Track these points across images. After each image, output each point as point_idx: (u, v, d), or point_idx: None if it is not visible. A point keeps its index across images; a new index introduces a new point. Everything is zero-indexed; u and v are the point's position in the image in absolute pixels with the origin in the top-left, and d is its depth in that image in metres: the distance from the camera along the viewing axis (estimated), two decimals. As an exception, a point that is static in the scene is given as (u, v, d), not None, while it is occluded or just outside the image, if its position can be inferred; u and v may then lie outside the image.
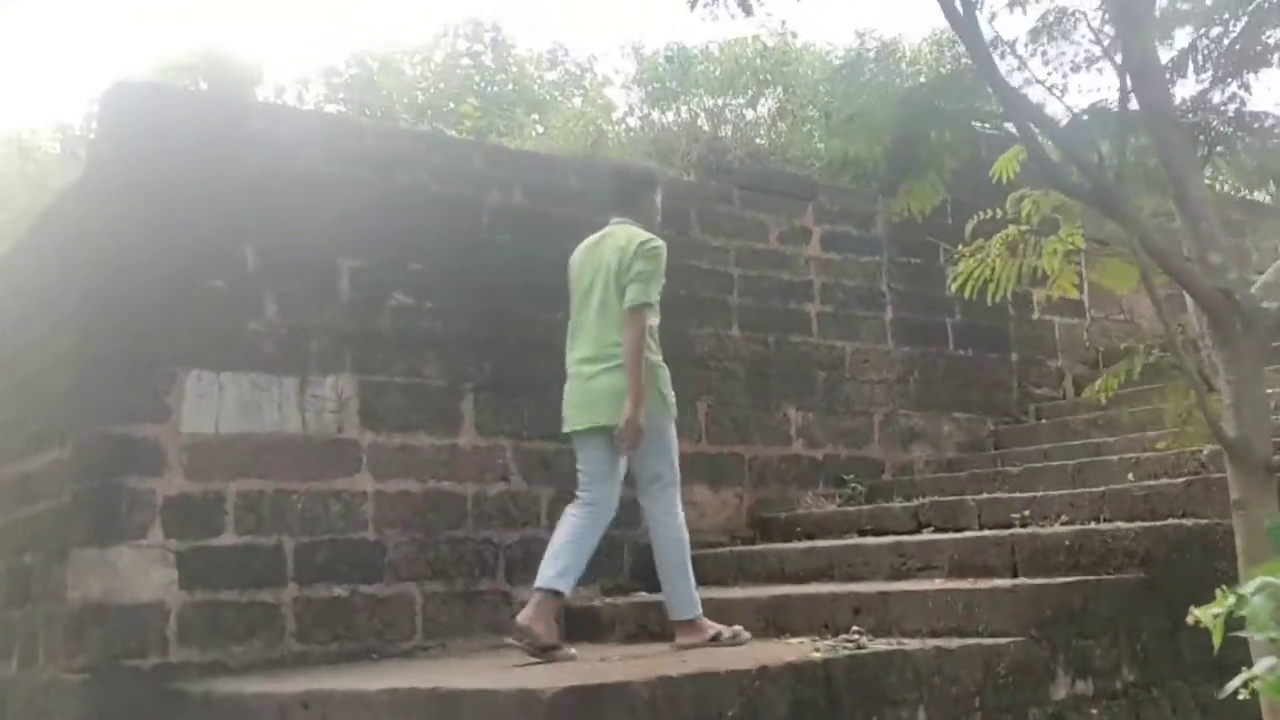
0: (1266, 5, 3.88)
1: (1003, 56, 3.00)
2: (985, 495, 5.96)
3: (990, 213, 4.25)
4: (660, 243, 4.68)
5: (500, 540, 5.98)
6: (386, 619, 5.60)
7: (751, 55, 7.75)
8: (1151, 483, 5.16)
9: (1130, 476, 5.47)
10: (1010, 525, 5.43)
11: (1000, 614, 4.06)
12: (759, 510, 6.93)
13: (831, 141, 3.84)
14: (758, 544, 6.67)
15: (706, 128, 7.49)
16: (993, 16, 3.18)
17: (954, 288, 4.32)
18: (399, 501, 5.73)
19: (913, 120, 3.36)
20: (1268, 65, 3.96)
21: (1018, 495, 5.67)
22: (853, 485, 7.24)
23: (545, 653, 4.33)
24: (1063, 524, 5.18)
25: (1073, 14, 3.13)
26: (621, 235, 4.65)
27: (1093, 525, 4.75)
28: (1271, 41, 4.02)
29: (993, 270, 3.86)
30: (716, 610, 5.15)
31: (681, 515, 4.67)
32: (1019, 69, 3.00)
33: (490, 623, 5.87)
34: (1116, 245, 3.65)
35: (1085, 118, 3.04)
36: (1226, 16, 3.84)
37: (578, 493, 4.65)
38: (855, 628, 4.28)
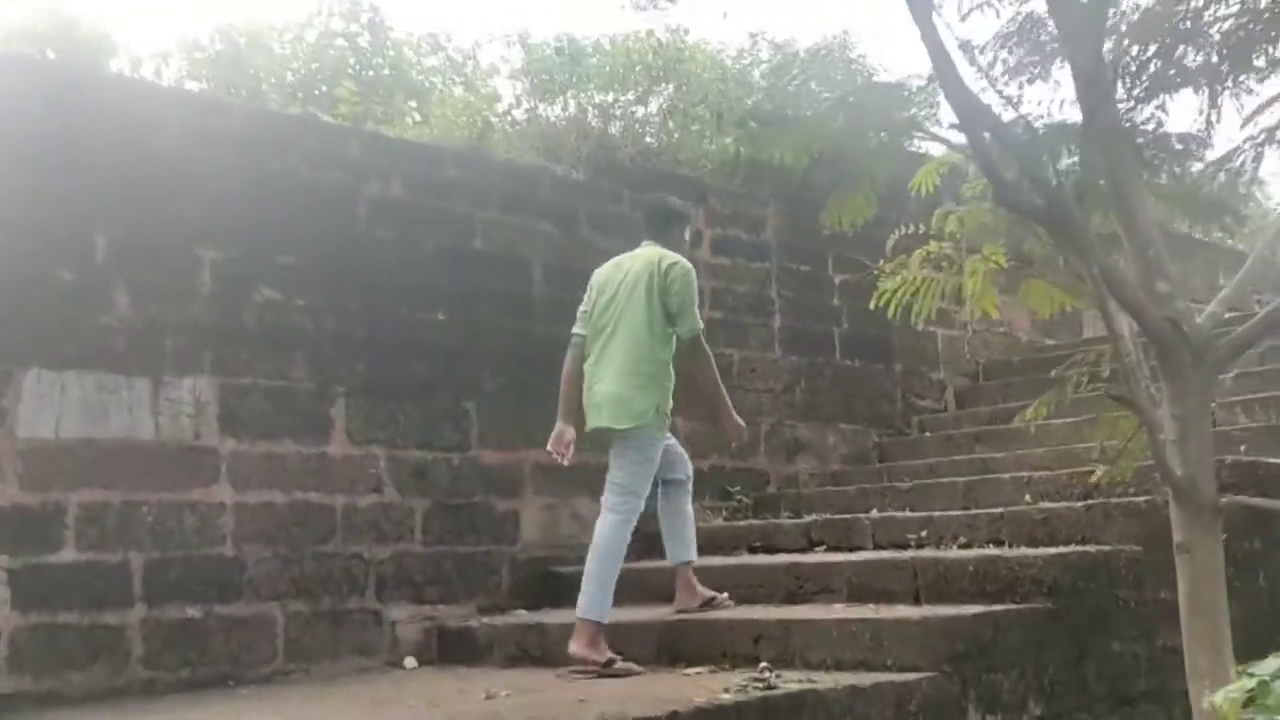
0: (1182, 27, 3.79)
1: (971, 63, 2.79)
2: (879, 513, 5.82)
3: (912, 228, 4.06)
4: (689, 265, 4.87)
5: (371, 555, 5.58)
6: (244, 642, 5.16)
7: (645, 50, 7.49)
8: (1050, 505, 5.06)
9: (1027, 498, 5.37)
10: (906, 545, 5.28)
11: (910, 647, 3.87)
12: (645, 523, 6.65)
13: (754, 145, 3.59)
14: (642, 560, 6.40)
15: (596, 124, 7.19)
16: (965, 15, 2.97)
17: (874, 305, 4.13)
18: (261, 514, 5.29)
19: (847, 134, 3.13)
20: (1184, 88, 3.88)
21: (913, 515, 5.53)
22: (739, 497, 7.04)
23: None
24: (961, 546, 5.06)
25: (1041, 19, 2.94)
26: (651, 253, 4.86)
27: (996, 551, 4.61)
28: (1190, 65, 3.96)
29: (916, 289, 3.66)
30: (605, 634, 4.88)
31: (628, 527, 4.84)
32: (979, 77, 2.78)
33: (359, 644, 5.48)
34: (1040, 266, 3.48)
35: (1046, 131, 2.85)
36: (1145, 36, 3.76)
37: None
38: (763, 665, 4.04)
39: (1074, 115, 2.85)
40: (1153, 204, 2.96)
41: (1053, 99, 3.05)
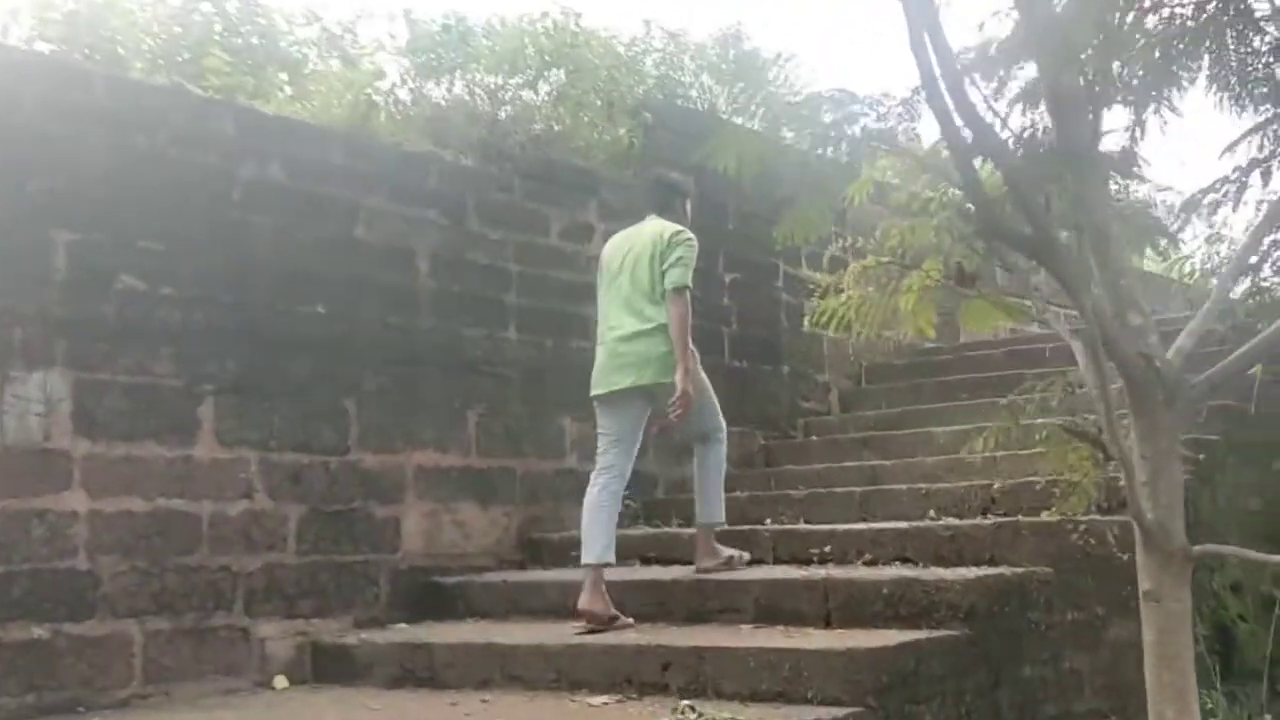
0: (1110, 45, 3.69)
1: (970, 81, 2.57)
2: (776, 525, 5.66)
3: (850, 240, 3.87)
4: (692, 235, 5.15)
5: (240, 567, 5.17)
6: (98, 664, 4.70)
7: (537, 33, 7.15)
8: (957, 523, 4.97)
9: (931, 513, 5.28)
10: (809, 560, 5.14)
11: (833, 680, 3.69)
12: (530, 530, 6.39)
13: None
14: (528, 568, 6.14)
15: (486, 108, 6.84)
16: (981, 25, 2.77)
17: (812, 322, 3.94)
18: (119, 523, 4.83)
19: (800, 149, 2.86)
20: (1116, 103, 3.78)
21: (815, 528, 5.38)
22: (628, 502, 6.79)
23: (609, 624, 4.65)
24: (866, 563, 4.93)
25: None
26: (656, 225, 5.14)
27: (910, 572, 4.47)
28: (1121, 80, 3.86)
29: (856, 309, 3.47)
30: (499, 656, 4.60)
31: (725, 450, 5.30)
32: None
33: (225, 664, 5.07)
34: (982, 284, 3.33)
35: (1045, 154, 2.67)
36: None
37: (597, 458, 5.19)
38: (685, 704, 3.79)
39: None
40: (1120, 230, 2.83)
41: (1033, 121, 2.88)
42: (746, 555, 5.21)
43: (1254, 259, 3.31)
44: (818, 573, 4.68)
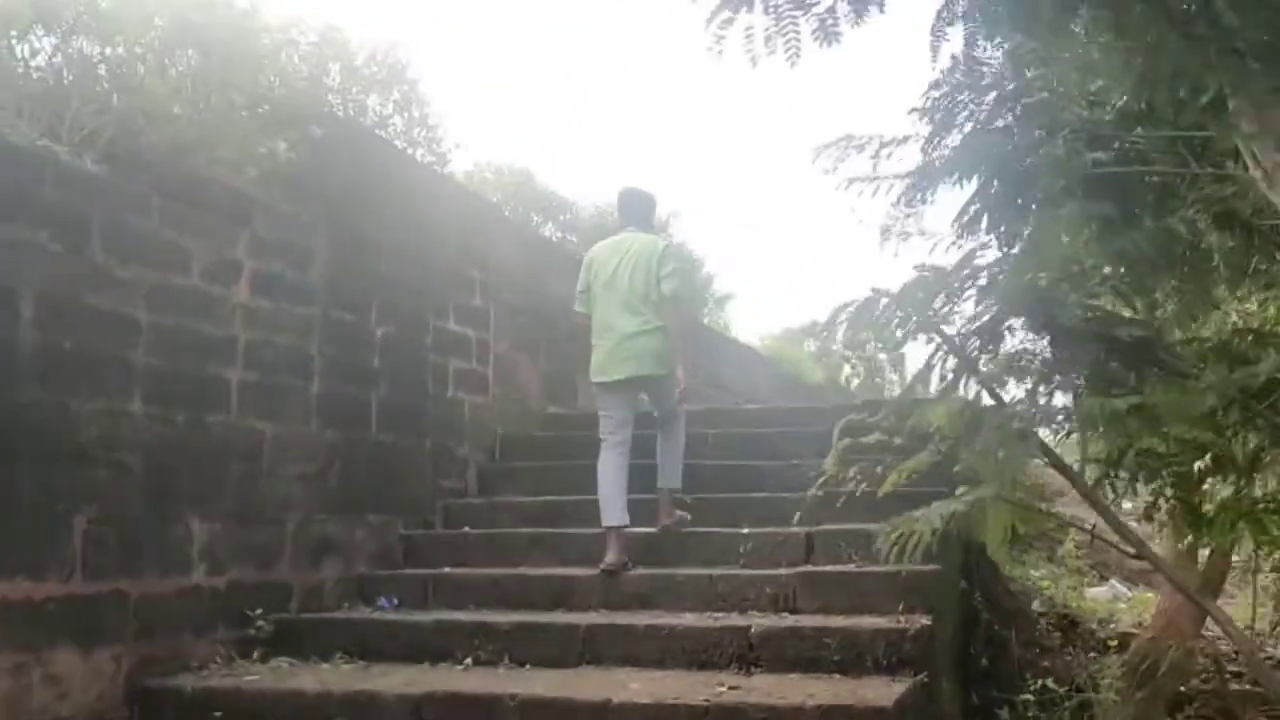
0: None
1: None
2: (519, 692, 4.51)
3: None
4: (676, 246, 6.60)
5: None
6: None
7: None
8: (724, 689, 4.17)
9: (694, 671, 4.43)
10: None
11: None
12: (143, 676, 4.71)
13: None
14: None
15: (107, 88, 5.01)
16: None
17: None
18: None
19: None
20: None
21: (574, 698, 4.31)
22: (259, 624, 5.30)
23: (626, 568, 5.64)
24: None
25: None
26: (645, 238, 6.13)
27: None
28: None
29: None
30: None
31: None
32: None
33: None
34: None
35: None
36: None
37: (605, 436, 6.01)
38: None
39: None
40: None
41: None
42: (689, 516, 6.12)
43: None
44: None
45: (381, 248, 6.44)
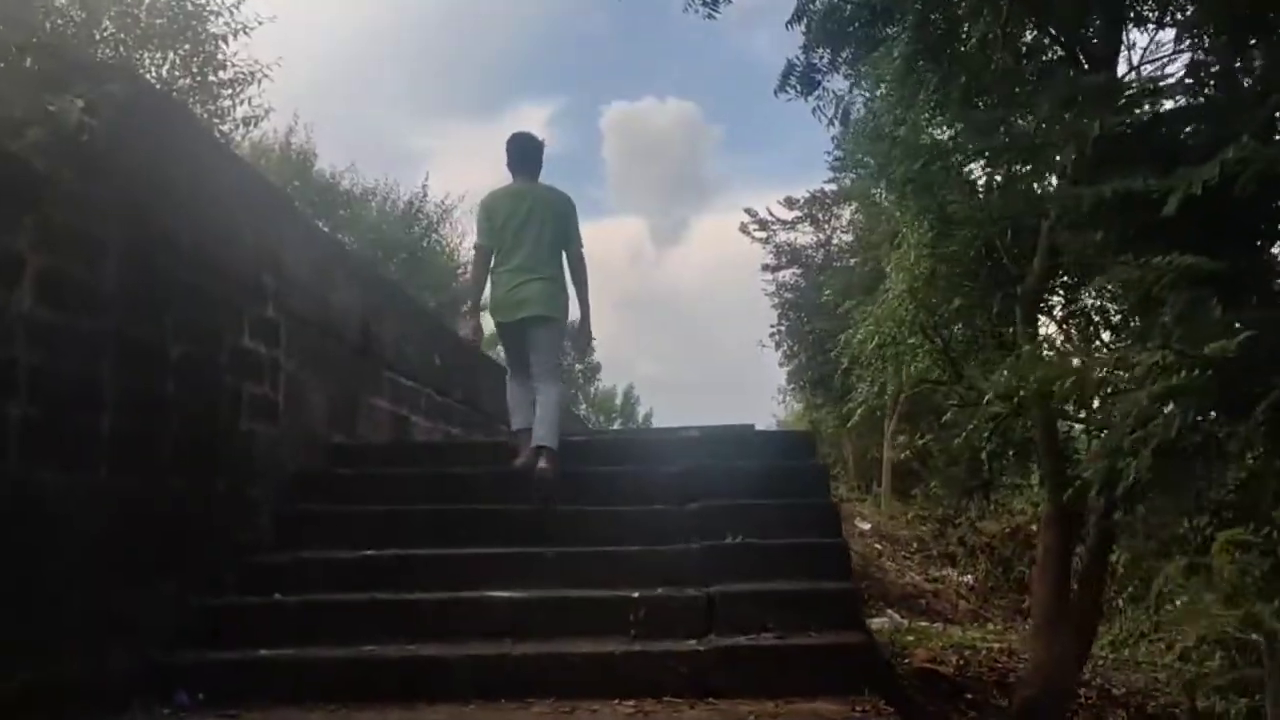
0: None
1: None
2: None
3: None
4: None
5: None
6: None
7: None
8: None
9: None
10: None
11: None
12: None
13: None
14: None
15: None
16: None
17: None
18: None
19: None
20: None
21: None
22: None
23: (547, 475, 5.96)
24: None
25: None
26: (554, 192, 6.41)
27: None
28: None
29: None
30: None
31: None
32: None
33: None
34: None
35: None
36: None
37: (509, 368, 6.58)
38: None
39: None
40: None
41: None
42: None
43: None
44: None
45: (181, 245, 5.14)
